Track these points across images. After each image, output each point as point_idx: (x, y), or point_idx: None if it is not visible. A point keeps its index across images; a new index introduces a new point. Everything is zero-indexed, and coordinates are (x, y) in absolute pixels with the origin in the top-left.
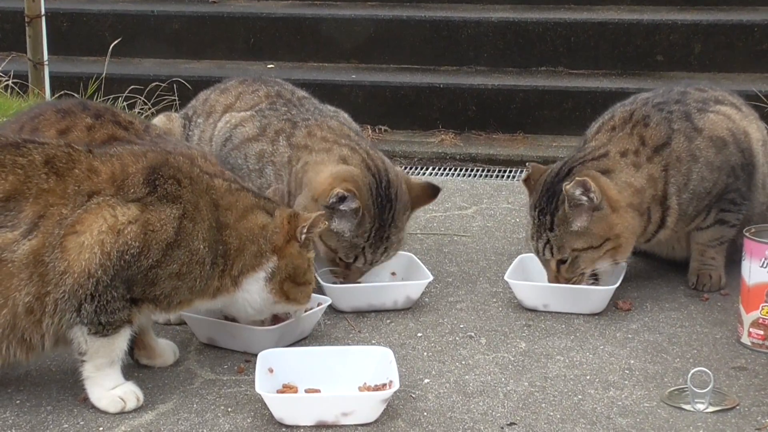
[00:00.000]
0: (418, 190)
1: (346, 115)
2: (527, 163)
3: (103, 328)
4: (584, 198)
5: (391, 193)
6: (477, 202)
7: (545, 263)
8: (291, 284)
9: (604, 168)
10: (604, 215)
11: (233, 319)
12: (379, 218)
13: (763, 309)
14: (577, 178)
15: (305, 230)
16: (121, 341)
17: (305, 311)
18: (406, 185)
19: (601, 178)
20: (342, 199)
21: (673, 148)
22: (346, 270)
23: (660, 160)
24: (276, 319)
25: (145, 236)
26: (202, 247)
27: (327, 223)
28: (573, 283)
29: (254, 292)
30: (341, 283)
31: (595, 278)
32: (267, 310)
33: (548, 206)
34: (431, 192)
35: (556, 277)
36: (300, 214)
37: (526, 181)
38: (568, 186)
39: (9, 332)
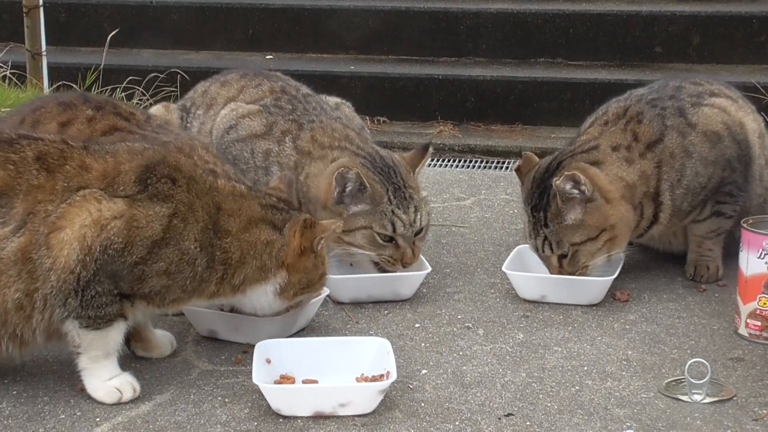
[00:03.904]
0: (411, 154)
1: (347, 110)
2: (523, 152)
3: (93, 322)
4: (575, 191)
5: (388, 162)
6: (475, 193)
7: (545, 260)
8: (306, 289)
9: (593, 160)
10: (597, 206)
11: (232, 310)
12: (389, 182)
13: (760, 300)
14: (565, 173)
15: (322, 241)
16: (115, 334)
17: None
18: (399, 156)
19: (590, 169)
20: (343, 180)
21: (666, 145)
22: (396, 249)
23: (653, 157)
24: None
25: (129, 232)
26: (193, 247)
27: (340, 225)
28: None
29: (263, 302)
30: (400, 270)
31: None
32: (279, 310)
33: (540, 202)
34: (422, 149)
35: (559, 272)
36: (316, 223)
37: (518, 170)
38: (557, 181)
39: (1, 328)
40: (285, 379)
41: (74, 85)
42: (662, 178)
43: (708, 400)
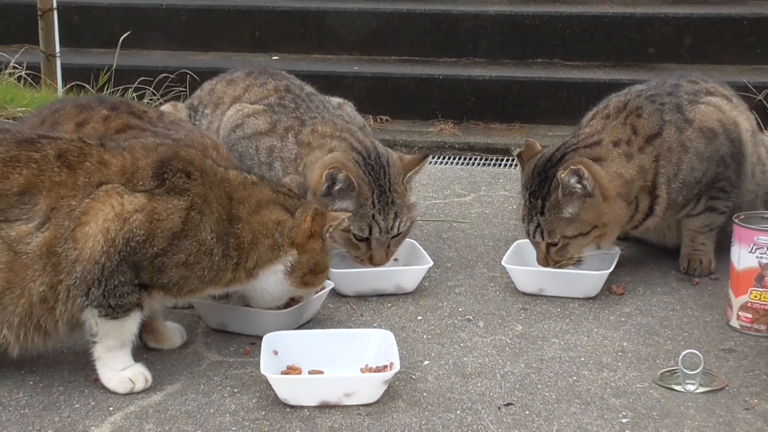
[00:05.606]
0: (409, 157)
1: (349, 109)
2: (526, 139)
3: (113, 311)
4: (578, 186)
5: (382, 161)
6: (475, 190)
7: (536, 245)
8: (311, 275)
9: (596, 156)
10: (595, 203)
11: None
12: (376, 184)
13: (751, 293)
14: (571, 167)
15: (332, 229)
16: (131, 324)
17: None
18: (397, 156)
19: (593, 166)
20: (332, 179)
21: (664, 139)
22: (369, 249)
23: (651, 150)
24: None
25: (151, 224)
26: (209, 238)
27: (346, 220)
28: (560, 267)
29: (272, 283)
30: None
31: (579, 261)
32: (285, 297)
33: (540, 190)
34: (421, 156)
35: (545, 258)
36: (327, 212)
37: (519, 155)
38: (562, 174)
39: (27, 320)
40: (292, 370)
41: (87, 86)
42: (659, 172)
43: (701, 390)
